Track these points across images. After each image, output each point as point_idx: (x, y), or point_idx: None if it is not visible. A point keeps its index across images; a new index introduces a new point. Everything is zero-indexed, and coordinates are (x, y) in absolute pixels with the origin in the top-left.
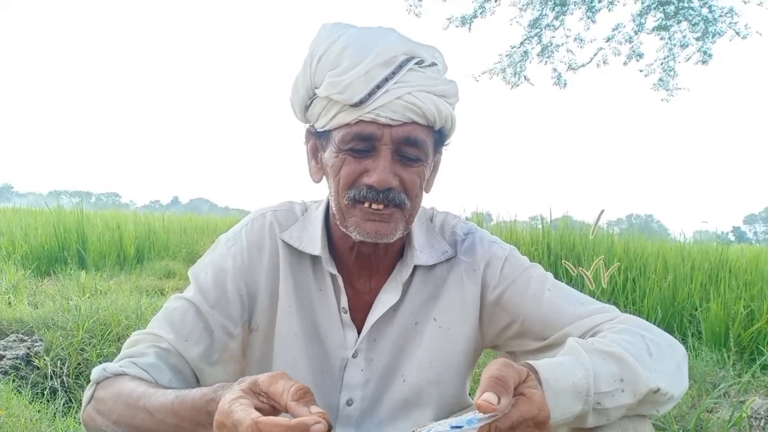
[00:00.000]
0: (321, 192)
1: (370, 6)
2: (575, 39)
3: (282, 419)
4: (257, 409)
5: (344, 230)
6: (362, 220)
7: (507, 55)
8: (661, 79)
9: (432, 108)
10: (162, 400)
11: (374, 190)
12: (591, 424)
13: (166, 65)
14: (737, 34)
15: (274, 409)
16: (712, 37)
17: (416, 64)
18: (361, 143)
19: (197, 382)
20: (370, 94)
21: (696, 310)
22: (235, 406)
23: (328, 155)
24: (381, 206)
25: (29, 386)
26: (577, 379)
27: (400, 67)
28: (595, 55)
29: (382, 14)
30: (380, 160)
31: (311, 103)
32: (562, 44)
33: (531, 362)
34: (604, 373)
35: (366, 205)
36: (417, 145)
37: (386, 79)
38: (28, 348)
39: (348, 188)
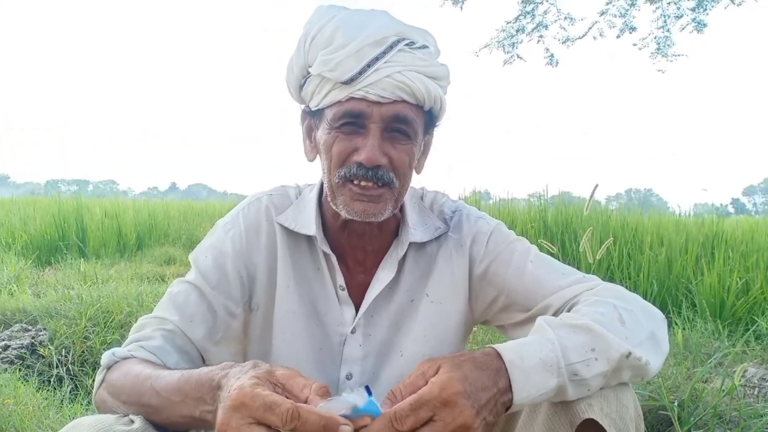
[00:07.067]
0: (316, 176)
1: None
2: (566, 18)
3: (320, 410)
4: None
5: (334, 208)
6: (351, 199)
7: (502, 30)
8: (658, 48)
9: (421, 87)
10: (168, 379)
11: (363, 167)
12: (572, 396)
13: (162, 51)
14: (732, 2)
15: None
16: (705, 9)
17: (407, 45)
18: (351, 121)
19: (203, 363)
20: (361, 72)
21: (691, 282)
22: (260, 390)
23: (321, 133)
24: (370, 183)
25: (35, 375)
26: (544, 354)
27: (391, 47)
28: (590, 28)
29: None
30: (369, 138)
31: (305, 81)
32: (555, 21)
33: (495, 346)
34: (573, 345)
35: (355, 183)
36: (406, 123)
37: (377, 59)
38: (33, 337)
39: (339, 166)
